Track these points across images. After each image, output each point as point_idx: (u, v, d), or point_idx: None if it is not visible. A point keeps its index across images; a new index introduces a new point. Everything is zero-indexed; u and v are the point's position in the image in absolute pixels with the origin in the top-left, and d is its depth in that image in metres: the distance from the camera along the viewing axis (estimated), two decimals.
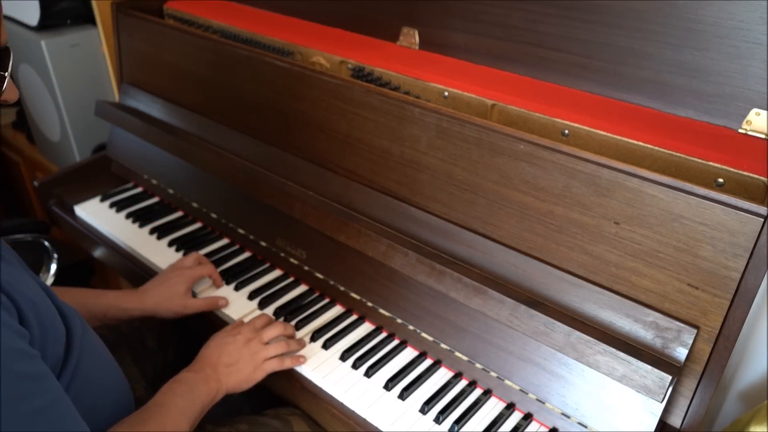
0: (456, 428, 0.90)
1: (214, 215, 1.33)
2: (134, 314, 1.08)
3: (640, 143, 0.89)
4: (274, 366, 0.98)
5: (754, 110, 0.88)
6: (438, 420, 0.92)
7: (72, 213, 1.43)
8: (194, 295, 1.14)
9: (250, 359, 0.96)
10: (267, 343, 0.99)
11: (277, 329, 1.01)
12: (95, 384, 0.79)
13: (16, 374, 0.60)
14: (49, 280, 1.51)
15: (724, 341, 0.79)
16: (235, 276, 1.19)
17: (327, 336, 1.05)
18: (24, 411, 0.60)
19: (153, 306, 1.08)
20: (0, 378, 0.59)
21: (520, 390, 0.93)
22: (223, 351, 0.96)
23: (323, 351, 1.03)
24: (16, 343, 0.62)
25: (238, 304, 1.13)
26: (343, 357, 1.02)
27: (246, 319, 1.09)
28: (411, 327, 1.04)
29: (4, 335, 0.61)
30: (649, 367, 0.78)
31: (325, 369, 1.00)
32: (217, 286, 1.18)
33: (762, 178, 0.81)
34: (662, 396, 0.77)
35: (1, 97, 0.70)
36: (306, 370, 1.00)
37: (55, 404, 0.64)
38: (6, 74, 0.68)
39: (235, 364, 0.95)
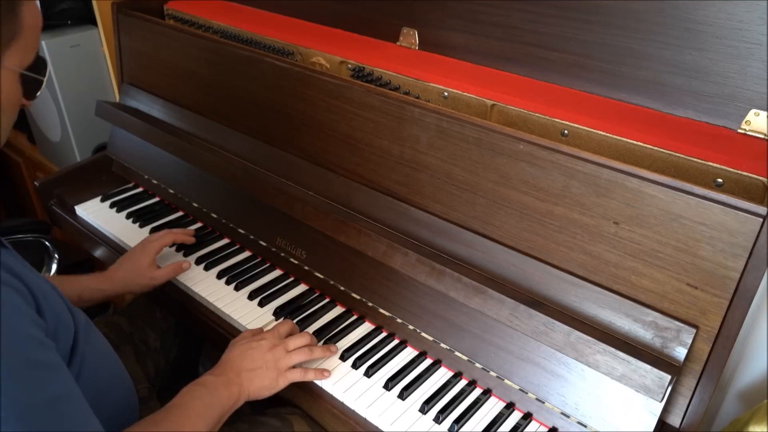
0: (456, 428, 0.91)
1: (214, 215, 1.33)
2: (109, 294, 1.10)
3: (640, 143, 0.90)
4: (297, 376, 0.96)
5: (753, 110, 0.88)
6: (438, 419, 0.92)
7: (73, 213, 1.43)
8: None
9: (274, 366, 0.94)
10: (291, 351, 0.97)
11: (303, 339, 0.99)
12: (99, 380, 0.79)
13: (35, 363, 0.61)
14: None
15: (723, 341, 0.79)
16: (235, 276, 1.19)
17: (327, 336, 1.06)
18: (41, 399, 0.61)
19: (122, 283, 1.11)
20: (19, 366, 0.59)
21: (520, 389, 0.93)
22: (247, 356, 0.94)
23: None
24: (35, 332, 0.63)
25: (239, 304, 1.13)
26: (343, 357, 1.02)
27: (246, 319, 1.10)
28: (411, 327, 1.04)
29: (24, 324, 0.62)
30: (648, 367, 0.78)
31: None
32: (189, 243, 1.24)
33: (761, 178, 0.81)
34: (661, 395, 0.78)
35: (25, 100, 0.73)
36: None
37: (70, 395, 0.65)
38: (44, 79, 0.73)
39: (258, 369, 0.93)
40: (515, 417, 0.94)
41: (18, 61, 0.67)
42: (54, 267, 1.53)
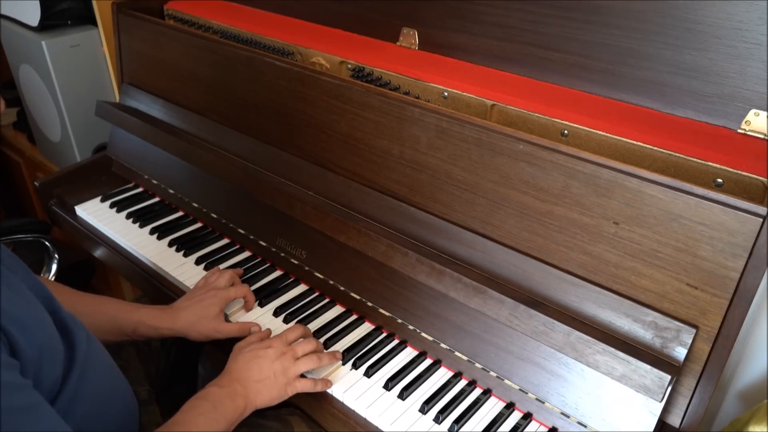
0: (456, 428, 0.91)
1: (214, 215, 1.33)
2: (165, 333, 1.03)
3: (640, 143, 0.90)
4: (306, 386, 0.94)
5: (753, 110, 0.88)
6: (438, 419, 0.92)
7: (73, 213, 1.43)
8: (226, 317, 1.09)
9: (282, 375, 0.91)
10: (299, 359, 0.95)
11: (311, 345, 0.97)
12: (101, 395, 0.78)
13: (5, 408, 0.59)
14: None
15: (723, 341, 0.79)
16: None
17: (327, 336, 1.05)
18: None
19: (184, 327, 1.02)
20: None
21: (520, 389, 0.93)
22: (253, 365, 0.91)
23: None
24: (4, 376, 0.60)
25: (239, 304, 1.13)
26: (343, 357, 1.02)
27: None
28: (411, 327, 1.04)
29: None
30: (648, 367, 0.78)
31: (324, 369, 1.00)
32: (248, 309, 1.11)
33: (761, 178, 0.81)
34: (661, 395, 0.78)
35: None
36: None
37: None
38: None
39: (265, 379, 0.90)
40: (515, 417, 0.94)
41: None
42: (54, 267, 1.53)
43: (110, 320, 1.00)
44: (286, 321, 1.09)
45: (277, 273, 1.21)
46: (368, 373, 0.99)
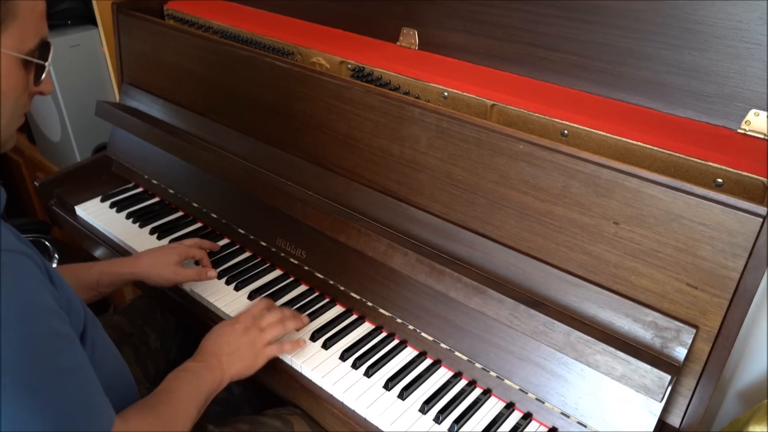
0: (456, 428, 0.91)
1: (214, 215, 1.33)
2: (126, 278, 1.10)
3: (640, 143, 0.90)
4: (273, 351, 0.99)
5: (753, 110, 0.88)
6: (438, 419, 0.92)
7: (73, 213, 1.43)
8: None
9: (251, 346, 0.97)
10: (265, 329, 1.00)
11: (274, 315, 1.02)
12: (106, 372, 0.79)
13: (51, 331, 0.62)
14: None
15: (723, 341, 0.79)
16: (235, 276, 1.19)
17: (327, 335, 1.06)
18: (55, 367, 0.62)
19: (145, 270, 1.10)
20: (35, 333, 0.60)
21: (520, 389, 0.93)
22: (223, 340, 0.96)
23: (323, 351, 1.03)
24: (51, 302, 0.64)
25: (239, 304, 1.13)
26: (343, 356, 1.02)
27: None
28: (411, 327, 1.04)
29: (41, 292, 0.63)
30: (648, 367, 0.78)
31: (324, 368, 1.00)
32: (209, 276, 1.19)
33: (761, 178, 0.81)
34: (661, 395, 0.78)
35: (39, 88, 0.72)
36: (306, 369, 1.00)
37: (82, 367, 0.66)
38: (47, 64, 0.71)
39: (236, 352, 0.95)
40: (515, 417, 0.94)
41: (16, 45, 0.66)
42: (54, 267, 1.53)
43: (73, 279, 1.05)
44: None
45: (277, 273, 1.21)
46: (368, 373, 0.99)
